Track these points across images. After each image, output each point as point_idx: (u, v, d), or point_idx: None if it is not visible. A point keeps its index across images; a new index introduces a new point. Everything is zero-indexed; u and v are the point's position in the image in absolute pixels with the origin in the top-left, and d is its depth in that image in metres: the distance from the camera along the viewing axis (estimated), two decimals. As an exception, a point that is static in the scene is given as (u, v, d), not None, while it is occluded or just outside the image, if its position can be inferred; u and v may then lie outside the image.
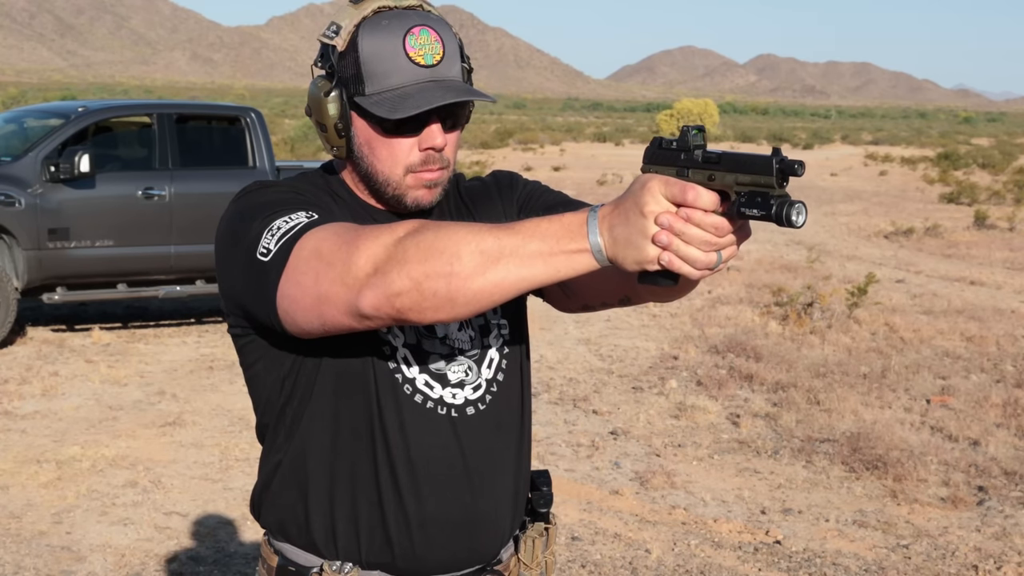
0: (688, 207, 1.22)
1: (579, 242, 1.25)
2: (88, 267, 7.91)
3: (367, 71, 1.47)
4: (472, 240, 1.25)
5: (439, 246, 1.26)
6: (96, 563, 4.17)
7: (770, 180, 1.21)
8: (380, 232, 1.31)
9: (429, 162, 1.51)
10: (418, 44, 1.46)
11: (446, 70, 1.48)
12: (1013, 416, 6.43)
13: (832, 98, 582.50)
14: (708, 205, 1.22)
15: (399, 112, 1.44)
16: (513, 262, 1.25)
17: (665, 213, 1.22)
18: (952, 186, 25.42)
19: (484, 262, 1.25)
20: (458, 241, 1.26)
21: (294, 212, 1.41)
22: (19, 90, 75.81)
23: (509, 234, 1.26)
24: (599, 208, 1.28)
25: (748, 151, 1.29)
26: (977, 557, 4.42)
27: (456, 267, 1.24)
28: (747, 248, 14.40)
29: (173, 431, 5.85)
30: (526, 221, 1.29)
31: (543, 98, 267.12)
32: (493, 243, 1.25)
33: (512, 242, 1.25)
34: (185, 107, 9.18)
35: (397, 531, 1.51)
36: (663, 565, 4.27)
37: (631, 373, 7.40)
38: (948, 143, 52.68)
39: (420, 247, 1.26)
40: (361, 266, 1.29)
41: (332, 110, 1.50)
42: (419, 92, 1.45)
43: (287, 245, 1.37)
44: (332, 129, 1.51)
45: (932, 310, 9.95)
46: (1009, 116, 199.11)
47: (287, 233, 1.38)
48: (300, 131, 28.35)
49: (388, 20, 1.47)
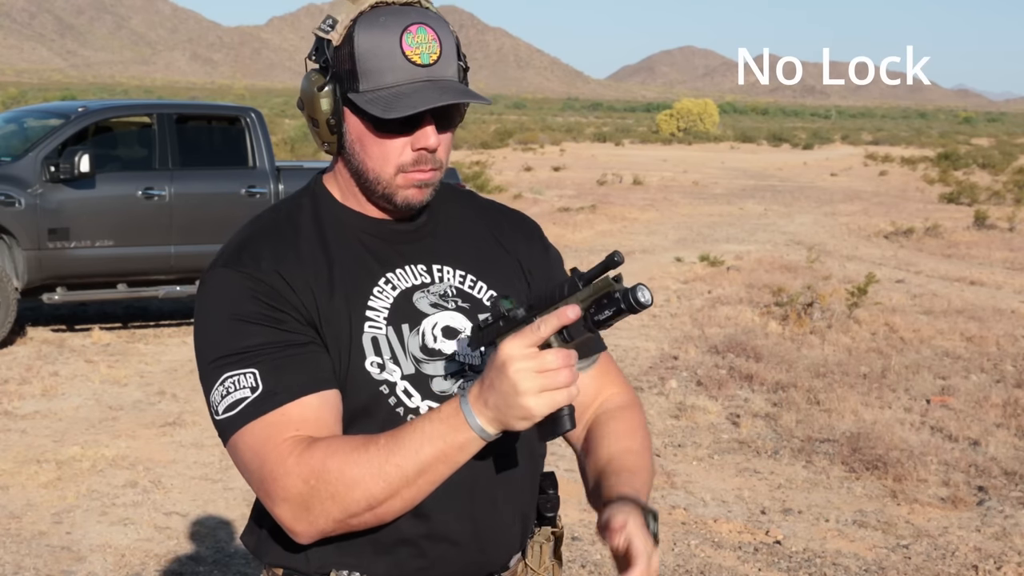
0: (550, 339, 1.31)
1: (464, 432, 1.34)
2: (88, 267, 7.91)
3: (362, 68, 1.45)
4: (375, 473, 1.35)
5: (346, 485, 1.36)
6: (96, 563, 4.17)
7: (608, 283, 1.30)
8: (287, 473, 1.38)
9: (421, 162, 1.50)
10: (415, 42, 1.44)
11: (442, 70, 1.47)
12: (1013, 416, 6.43)
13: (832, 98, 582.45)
14: (570, 319, 1.30)
15: (393, 112, 1.42)
16: (420, 478, 1.36)
17: (523, 364, 1.29)
18: (952, 186, 25.42)
19: (394, 488, 1.36)
20: (364, 478, 1.35)
21: (241, 370, 1.43)
22: (19, 90, 75.81)
23: (401, 449, 1.35)
24: (468, 390, 1.35)
25: (542, 288, 1.48)
26: (977, 557, 4.42)
27: (372, 502, 1.36)
28: (747, 248, 14.41)
29: (173, 431, 5.85)
30: (408, 428, 1.37)
31: (543, 98, 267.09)
32: (395, 471, 1.35)
33: (408, 459, 1.35)
34: (185, 107, 9.19)
35: (407, 547, 1.50)
36: (663, 565, 4.27)
37: (631, 373, 7.40)
38: (948, 143, 52.68)
39: (330, 490, 1.36)
40: (281, 512, 1.39)
41: (325, 105, 1.49)
42: (414, 92, 1.44)
43: (229, 424, 1.43)
44: (324, 124, 1.50)
45: (932, 310, 9.95)
46: (1009, 116, 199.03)
47: (230, 408, 1.43)
48: (300, 131, 28.35)
49: (386, 17, 1.45)
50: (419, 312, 1.54)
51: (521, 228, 1.71)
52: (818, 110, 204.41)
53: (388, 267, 1.55)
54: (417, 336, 1.53)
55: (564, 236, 14.72)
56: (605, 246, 14.33)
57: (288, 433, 1.41)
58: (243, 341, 1.44)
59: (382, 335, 1.51)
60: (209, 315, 1.48)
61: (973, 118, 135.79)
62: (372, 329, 1.50)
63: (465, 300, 1.58)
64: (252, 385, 1.42)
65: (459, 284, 1.59)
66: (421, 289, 1.56)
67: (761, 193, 24.32)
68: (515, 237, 1.69)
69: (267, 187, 8.52)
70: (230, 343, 1.45)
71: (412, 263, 1.57)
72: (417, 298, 1.55)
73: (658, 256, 13.55)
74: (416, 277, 1.56)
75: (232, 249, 1.52)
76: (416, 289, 1.56)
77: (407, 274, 1.56)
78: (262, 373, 1.43)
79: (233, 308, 1.46)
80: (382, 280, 1.54)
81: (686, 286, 11.24)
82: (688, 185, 26.16)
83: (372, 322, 1.51)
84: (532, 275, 1.67)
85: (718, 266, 12.28)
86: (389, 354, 1.50)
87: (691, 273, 12.05)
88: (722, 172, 31.75)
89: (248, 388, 1.42)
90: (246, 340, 1.44)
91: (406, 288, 1.55)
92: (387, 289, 1.54)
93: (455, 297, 1.58)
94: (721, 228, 17.14)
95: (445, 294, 1.57)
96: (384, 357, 1.50)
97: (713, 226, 17.43)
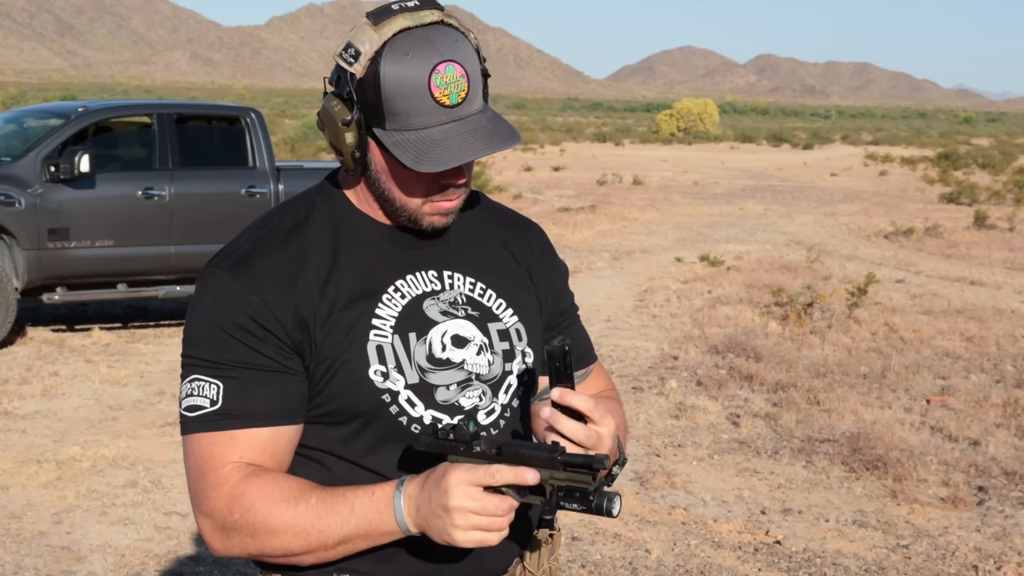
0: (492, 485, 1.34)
1: (389, 524, 1.39)
2: (88, 267, 7.91)
3: (388, 107, 1.42)
4: (298, 532, 1.40)
5: (267, 531, 1.41)
6: (96, 563, 4.17)
7: (587, 479, 1.32)
8: (218, 497, 1.44)
9: (448, 193, 1.50)
10: (444, 83, 1.41)
11: (470, 106, 1.44)
12: (1013, 416, 6.43)
13: (832, 98, 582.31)
14: (526, 483, 1.33)
15: (425, 165, 1.40)
16: (339, 547, 1.41)
17: (463, 502, 1.33)
18: (952, 186, 25.43)
19: (311, 549, 1.41)
20: (286, 532, 1.41)
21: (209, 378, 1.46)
22: (19, 90, 75.84)
23: (327, 516, 1.40)
24: (405, 485, 1.39)
25: (524, 441, 1.50)
26: (977, 557, 4.42)
27: (287, 552, 1.42)
28: (747, 248, 14.41)
29: (173, 431, 5.84)
30: (340, 497, 1.41)
31: (543, 98, 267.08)
32: (316, 536, 1.40)
33: (332, 528, 1.40)
34: (185, 107, 9.18)
35: (409, 554, 1.50)
36: (663, 565, 4.27)
37: (631, 373, 7.40)
38: (948, 143, 52.71)
39: (251, 530, 1.42)
40: (202, 524, 1.46)
41: (350, 139, 1.47)
42: (444, 139, 1.42)
43: (184, 423, 1.48)
44: (349, 156, 1.49)
45: (932, 310, 9.95)
46: (1009, 116, 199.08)
47: (189, 410, 1.47)
48: (300, 131, 28.36)
49: (411, 52, 1.41)
50: (429, 320, 1.54)
51: (530, 238, 1.71)
52: (818, 110, 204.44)
53: (399, 274, 1.55)
54: (424, 345, 1.53)
55: (564, 236, 14.72)
56: (605, 246, 14.34)
57: (231, 458, 1.45)
58: (220, 352, 1.46)
59: (387, 343, 1.51)
60: (200, 314, 1.50)
61: (973, 118, 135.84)
62: (377, 337, 1.50)
63: (475, 308, 1.58)
64: (212, 398, 1.45)
65: (469, 292, 1.59)
66: (431, 296, 1.56)
67: (761, 193, 24.32)
68: (524, 247, 1.69)
69: (267, 187, 8.52)
70: (208, 349, 1.47)
71: (423, 269, 1.57)
72: (427, 306, 1.55)
73: (658, 256, 13.55)
74: (427, 284, 1.56)
75: (238, 255, 1.51)
76: (426, 296, 1.55)
77: (418, 280, 1.56)
78: (225, 389, 1.45)
79: (221, 317, 1.47)
80: (391, 288, 1.54)
81: (686, 286, 11.24)
82: (688, 185, 26.16)
83: (378, 330, 1.51)
84: (540, 289, 1.68)
85: (718, 266, 12.28)
86: (394, 363, 1.50)
87: (691, 273, 12.05)
88: (722, 172, 31.76)
89: (208, 399, 1.46)
90: (223, 352, 1.46)
91: (416, 296, 1.55)
92: (396, 297, 1.53)
93: (465, 305, 1.58)
94: (721, 228, 17.15)
95: (455, 302, 1.57)
96: (388, 366, 1.50)
97: (713, 226, 17.43)
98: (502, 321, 1.60)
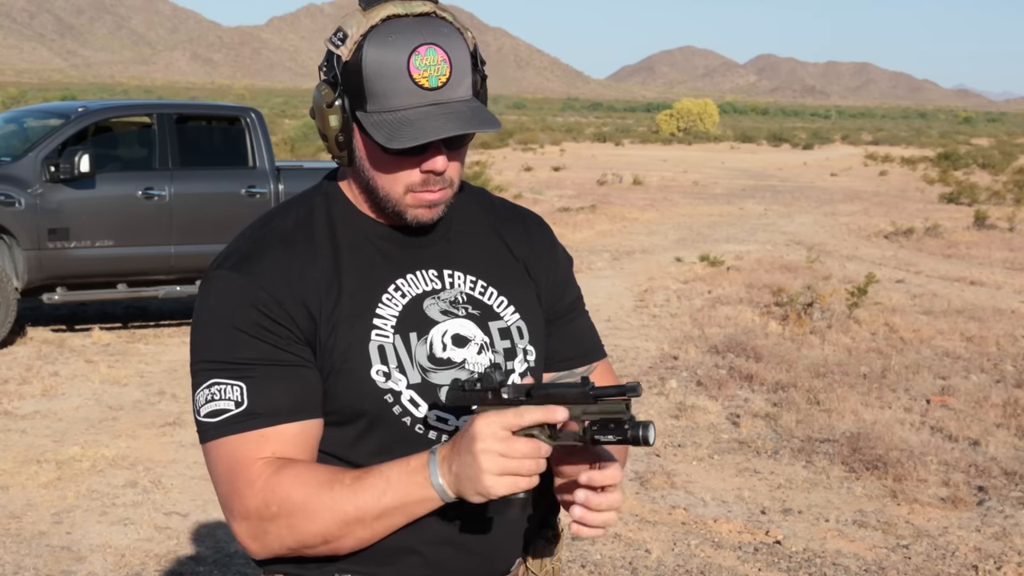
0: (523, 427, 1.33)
1: (426, 489, 1.38)
2: (88, 267, 7.91)
3: (369, 88, 1.43)
4: (336, 512, 1.39)
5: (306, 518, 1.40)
6: (96, 563, 4.17)
7: (621, 408, 1.32)
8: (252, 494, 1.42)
9: (429, 183, 1.48)
10: (423, 65, 1.41)
11: (451, 91, 1.43)
12: (1013, 416, 6.43)
13: (832, 98, 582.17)
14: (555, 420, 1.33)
15: (396, 142, 1.41)
16: (377, 523, 1.40)
17: (491, 444, 1.32)
18: (952, 186, 25.42)
19: (350, 528, 1.40)
20: (324, 514, 1.40)
21: (230, 380, 1.45)
22: (19, 90, 75.83)
23: (364, 492, 1.39)
24: (438, 449, 1.39)
25: (554, 377, 1.48)
26: (977, 557, 4.42)
27: (327, 537, 1.41)
28: (747, 248, 14.41)
29: (173, 431, 5.85)
30: (375, 471, 1.41)
31: (543, 98, 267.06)
32: (354, 512, 1.39)
33: (370, 504, 1.39)
34: (185, 107, 9.19)
35: (413, 555, 1.50)
36: (663, 565, 4.28)
37: (631, 373, 7.40)
38: (948, 143, 52.69)
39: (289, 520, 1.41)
40: (238, 528, 1.45)
41: (334, 122, 1.47)
42: (420, 119, 1.41)
43: (208, 430, 1.46)
44: (333, 140, 1.49)
45: (932, 310, 9.95)
46: (1009, 116, 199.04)
47: (211, 415, 1.45)
48: (300, 131, 28.37)
49: (395, 36, 1.42)
50: (429, 320, 1.54)
51: (528, 232, 1.70)
52: (818, 110, 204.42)
53: (399, 273, 1.55)
54: (425, 345, 1.52)
55: (564, 236, 14.72)
56: (605, 246, 14.35)
57: (262, 454, 1.44)
58: (237, 352, 1.45)
59: (389, 343, 1.50)
60: (209, 316, 1.48)
61: (973, 118, 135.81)
62: (379, 337, 1.50)
63: (476, 307, 1.58)
64: (237, 399, 1.44)
65: (469, 290, 1.58)
66: (432, 295, 1.55)
67: (761, 193, 24.32)
68: (522, 242, 1.68)
69: (267, 187, 8.52)
70: (224, 350, 1.46)
71: (423, 268, 1.56)
72: (428, 305, 1.55)
73: (658, 256, 13.55)
74: (427, 283, 1.56)
75: (242, 253, 1.51)
76: (427, 296, 1.55)
77: (418, 280, 1.56)
78: (249, 389, 1.44)
79: (234, 316, 1.46)
80: (392, 287, 1.53)
81: (686, 286, 11.24)
82: (688, 185, 26.16)
83: (379, 330, 1.50)
84: (539, 285, 1.67)
85: (718, 266, 12.28)
86: (395, 363, 1.50)
87: (691, 273, 12.05)
88: (722, 172, 31.76)
89: (232, 401, 1.44)
90: (240, 351, 1.45)
91: (416, 295, 1.54)
92: (396, 296, 1.53)
93: (465, 304, 1.57)
94: (721, 228, 17.15)
95: (456, 301, 1.57)
96: (390, 366, 1.49)
97: (713, 226, 17.43)
98: (503, 319, 1.60)
